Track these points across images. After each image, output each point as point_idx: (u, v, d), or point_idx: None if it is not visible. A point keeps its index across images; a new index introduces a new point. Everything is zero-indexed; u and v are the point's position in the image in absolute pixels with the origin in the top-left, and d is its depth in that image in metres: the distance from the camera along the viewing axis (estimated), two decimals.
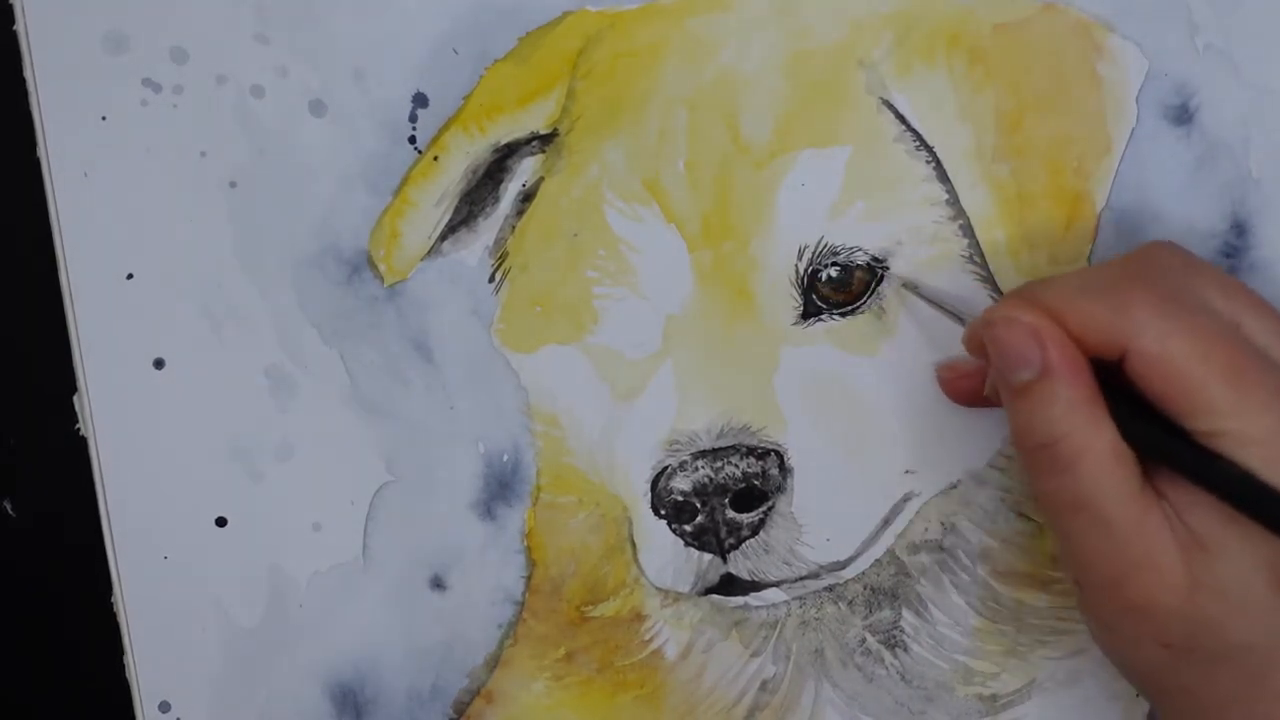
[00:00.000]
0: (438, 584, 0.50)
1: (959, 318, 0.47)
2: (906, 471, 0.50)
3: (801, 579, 0.50)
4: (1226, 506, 0.40)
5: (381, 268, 0.50)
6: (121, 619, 0.50)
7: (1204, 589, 0.40)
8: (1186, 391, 0.40)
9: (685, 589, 0.50)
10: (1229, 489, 0.40)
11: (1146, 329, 0.40)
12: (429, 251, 0.50)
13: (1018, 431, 0.43)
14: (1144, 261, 0.43)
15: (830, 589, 0.51)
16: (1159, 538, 0.41)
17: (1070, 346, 0.42)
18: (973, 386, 0.47)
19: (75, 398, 0.49)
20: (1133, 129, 0.49)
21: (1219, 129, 0.49)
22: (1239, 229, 0.49)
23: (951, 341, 0.49)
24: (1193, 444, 0.40)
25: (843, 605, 0.51)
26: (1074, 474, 0.41)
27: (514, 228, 0.50)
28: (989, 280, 0.49)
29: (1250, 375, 0.40)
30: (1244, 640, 0.40)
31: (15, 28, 0.49)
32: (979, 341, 0.44)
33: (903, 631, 0.51)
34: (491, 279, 0.50)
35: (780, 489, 0.49)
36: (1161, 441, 0.41)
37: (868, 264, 0.49)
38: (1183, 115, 0.49)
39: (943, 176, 0.49)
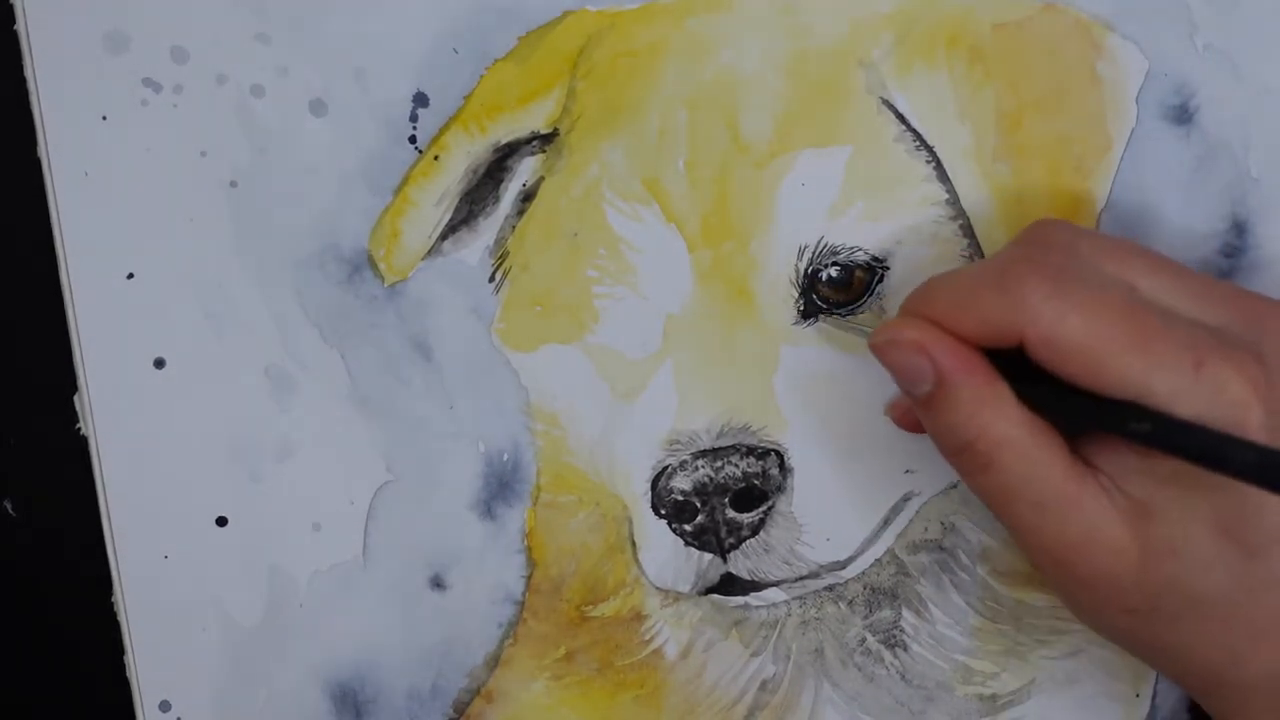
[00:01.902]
0: (438, 583, 0.50)
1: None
2: (906, 471, 0.50)
3: (801, 579, 0.50)
4: (1160, 468, 0.40)
5: (382, 267, 0.50)
6: (121, 619, 0.50)
7: (1153, 552, 0.40)
8: (1093, 367, 0.40)
9: (685, 589, 0.50)
10: (1156, 434, 0.39)
11: (1041, 312, 0.40)
12: (429, 251, 0.50)
13: (936, 441, 0.43)
14: (1029, 243, 0.43)
15: (830, 589, 0.51)
16: (1098, 510, 0.41)
17: (957, 348, 0.42)
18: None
19: (75, 397, 0.49)
20: (1133, 129, 0.49)
21: (1219, 129, 0.49)
22: (1239, 229, 0.49)
23: None
24: (1108, 400, 0.40)
25: (843, 605, 0.51)
26: (997, 468, 0.41)
27: (514, 227, 0.50)
28: None
29: (1151, 337, 0.39)
30: (1204, 592, 0.40)
31: (15, 28, 0.49)
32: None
33: (903, 631, 0.51)
34: (492, 278, 0.50)
35: (780, 489, 0.49)
36: (1079, 407, 0.41)
37: (868, 264, 0.49)
38: (1183, 115, 0.49)
39: (943, 176, 0.49)
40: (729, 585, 0.50)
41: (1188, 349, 0.39)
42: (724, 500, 0.49)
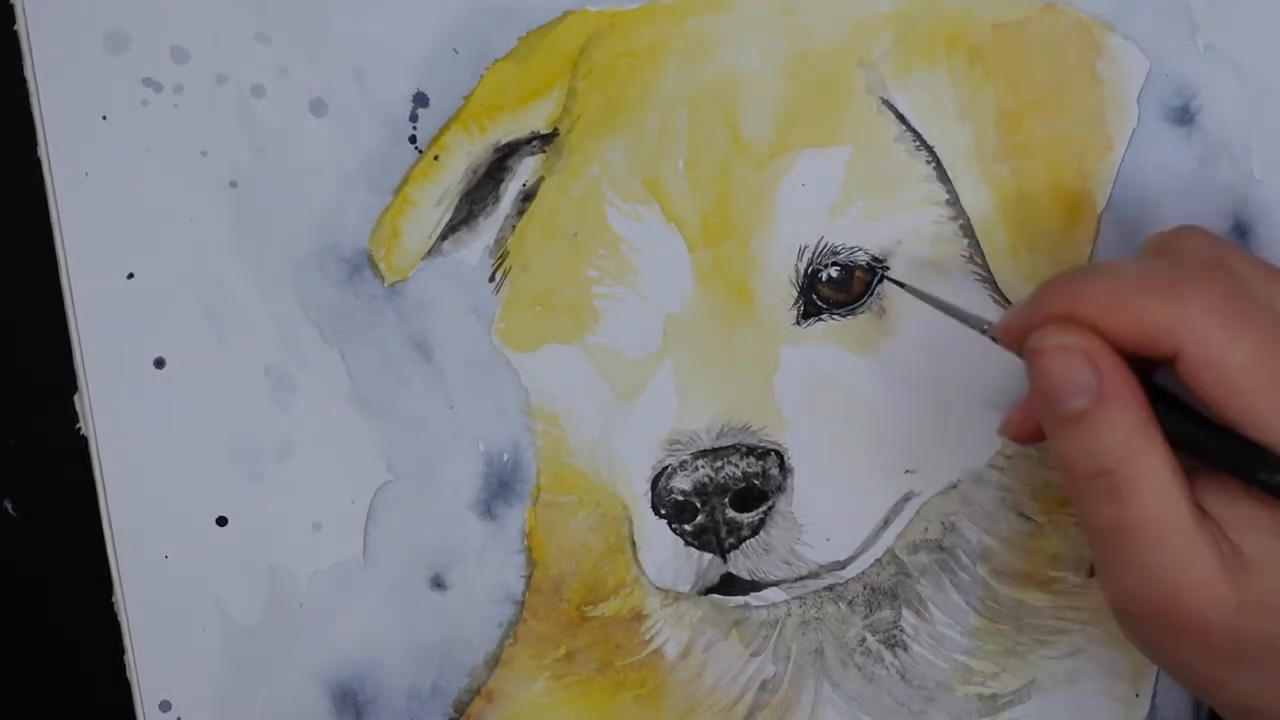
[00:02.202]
0: (438, 583, 0.50)
1: (951, 312, 0.46)
2: (906, 471, 0.50)
3: (801, 579, 0.50)
4: (1269, 521, 0.40)
5: (382, 267, 0.50)
6: (121, 619, 0.50)
7: (1252, 606, 0.39)
8: (1245, 400, 0.39)
9: (685, 588, 0.50)
10: None
11: (1211, 333, 0.38)
12: (429, 251, 0.50)
13: (1068, 460, 0.41)
14: (1188, 253, 0.42)
15: (830, 588, 0.51)
16: (1208, 559, 0.39)
17: (1123, 367, 0.40)
18: (1038, 425, 0.44)
19: (75, 397, 0.49)
20: (1134, 129, 0.49)
21: (1220, 129, 0.49)
22: (1241, 230, 0.49)
23: (951, 340, 0.49)
24: (1251, 442, 0.39)
25: (843, 605, 0.51)
26: (1135, 501, 0.40)
27: (514, 227, 0.50)
28: (989, 280, 0.49)
29: None
30: None
31: (15, 28, 0.49)
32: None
33: (903, 631, 0.51)
34: (492, 278, 0.50)
35: (780, 489, 0.49)
36: (1215, 443, 0.40)
37: (868, 264, 0.49)
38: (1184, 116, 0.49)
39: (943, 176, 0.49)
40: (729, 585, 0.50)
41: None
42: (724, 500, 0.49)
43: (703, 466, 0.49)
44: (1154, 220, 0.49)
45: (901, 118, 0.49)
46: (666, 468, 0.49)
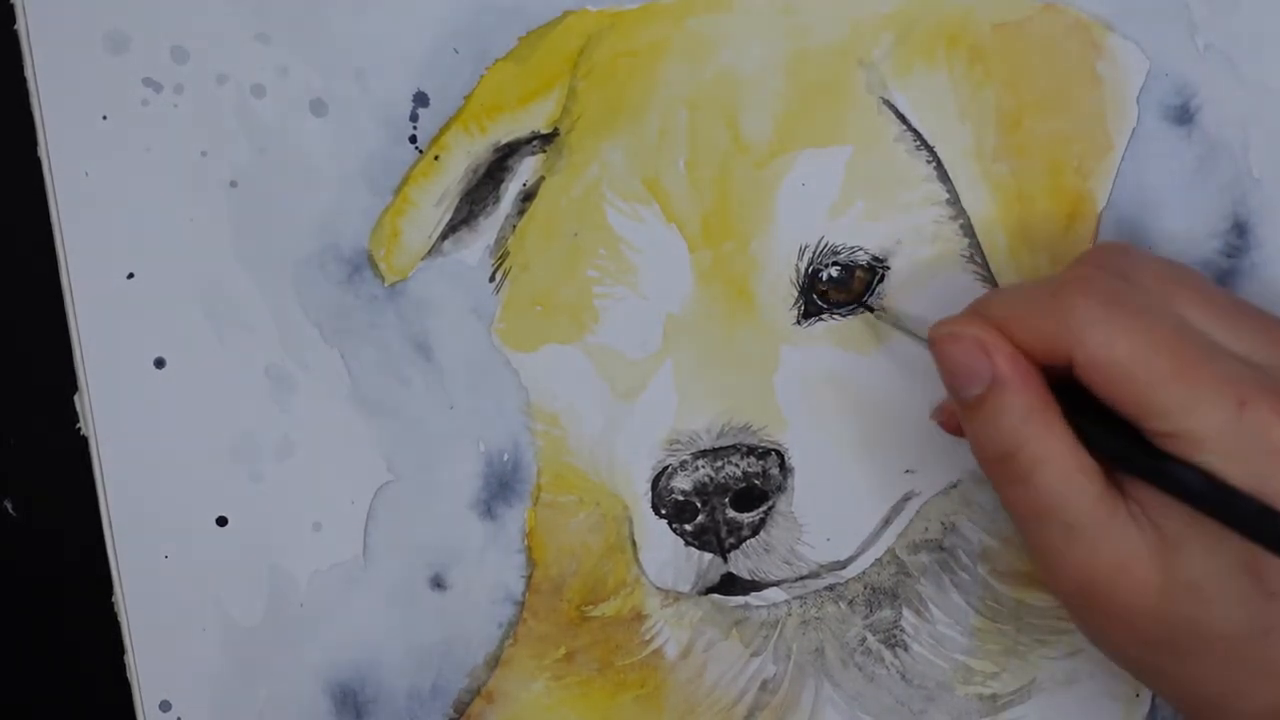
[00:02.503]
0: (438, 583, 0.50)
1: (921, 339, 0.47)
2: (906, 471, 0.50)
3: (802, 578, 0.50)
4: None
5: (382, 267, 0.50)
6: (121, 619, 0.50)
7: (1177, 586, 0.40)
8: (1137, 394, 0.40)
9: (685, 588, 0.50)
10: (1186, 492, 0.40)
11: (1090, 334, 0.40)
12: (429, 251, 0.50)
13: (975, 445, 0.43)
14: (1085, 264, 0.43)
15: (831, 588, 0.51)
16: (1126, 540, 0.40)
17: (1018, 356, 0.41)
18: None
19: (75, 397, 0.49)
20: (1133, 129, 0.49)
21: (1220, 129, 0.49)
22: (1240, 229, 0.49)
23: None
24: (1147, 449, 0.40)
25: (843, 605, 0.51)
26: (1034, 483, 0.41)
27: (514, 227, 0.50)
28: (990, 280, 0.49)
29: (1198, 370, 0.39)
30: (1220, 630, 0.40)
31: (15, 27, 0.49)
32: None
33: (903, 631, 0.51)
34: (492, 278, 0.50)
35: (780, 488, 0.49)
36: (1117, 447, 0.41)
37: (868, 263, 0.49)
38: (1183, 115, 0.49)
39: (943, 176, 0.49)
40: (729, 585, 0.50)
41: (1232, 386, 0.39)
42: (724, 500, 0.49)
43: (703, 466, 0.49)
44: (1154, 219, 0.49)
45: (902, 117, 0.49)
46: (667, 468, 0.49)
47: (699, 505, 0.49)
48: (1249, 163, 0.49)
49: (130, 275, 0.49)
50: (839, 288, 0.49)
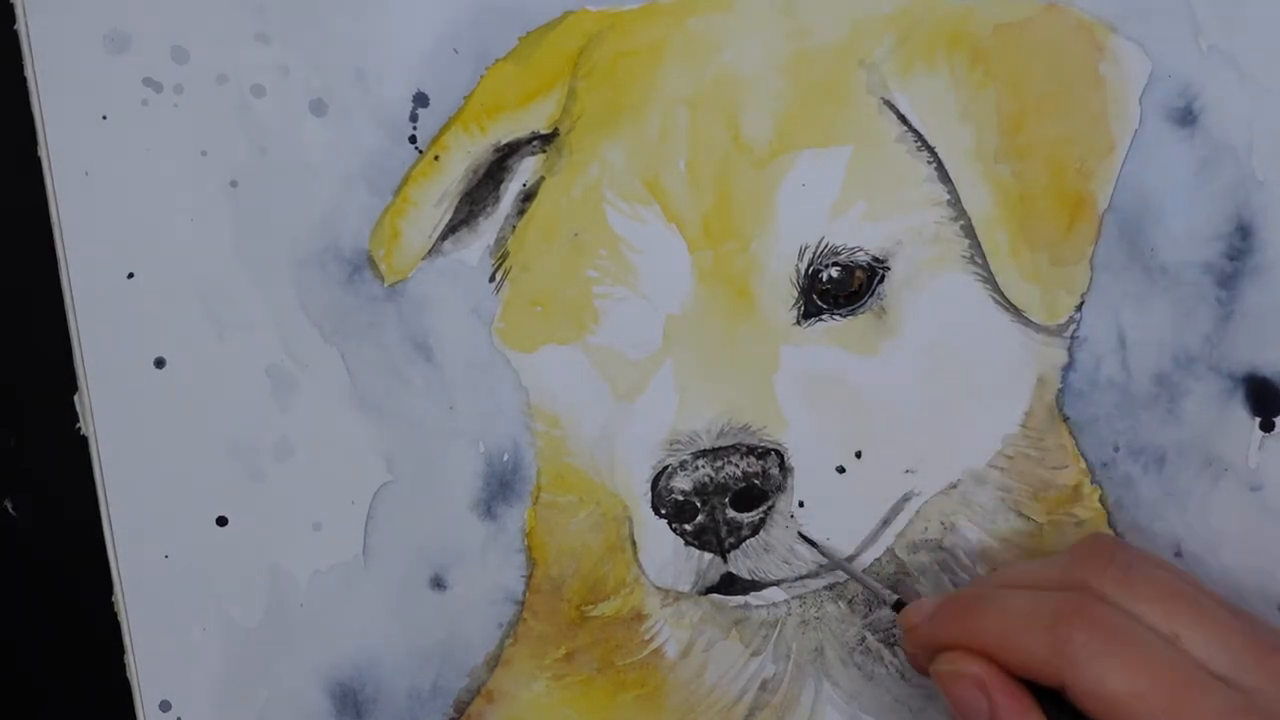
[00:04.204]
0: (438, 583, 0.50)
1: (859, 580, 0.49)
2: (906, 471, 0.50)
3: (801, 578, 0.50)
4: None
5: (382, 267, 0.50)
6: (122, 619, 0.50)
7: None
8: None
9: (685, 588, 0.50)
10: None
11: (1086, 669, 0.41)
12: (429, 251, 0.50)
13: None
14: (1079, 578, 0.44)
15: (830, 588, 0.51)
16: None
17: (1015, 692, 0.43)
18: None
19: (76, 397, 0.50)
20: (1136, 130, 0.49)
21: (1223, 131, 0.49)
22: (1243, 231, 0.49)
23: (952, 341, 0.49)
24: None
25: (843, 604, 0.51)
26: None
27: (514, 227, 0.50)
28: (989, 281, 0.49)
29: (1191, 704, 0.41)
30: None
31: (15, 27, 0.49)
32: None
33: None
34: (492, 278, 0.50)
35: (780, 488, 0.49)
36: None
37: (868, 264, 0.49)
38: (1186, 117, 0.49)
39: (944, 177, 0.49)
40: (729, 585, 0.50)
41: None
42: (724, 500, 0.49)
43: (703, 466, 0.49)
44: (1156, 221, 0.49)
45: (903, 118, 0.49)
46: (667, 468, 0.49)
47: (699, 505, 0.49)
48: (1253, 165, 0.49)
49: (130, 275, 0.49)
50: (839, 288, 0.49)
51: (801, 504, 0.49)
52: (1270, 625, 0.45)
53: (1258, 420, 0.50)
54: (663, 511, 0.49)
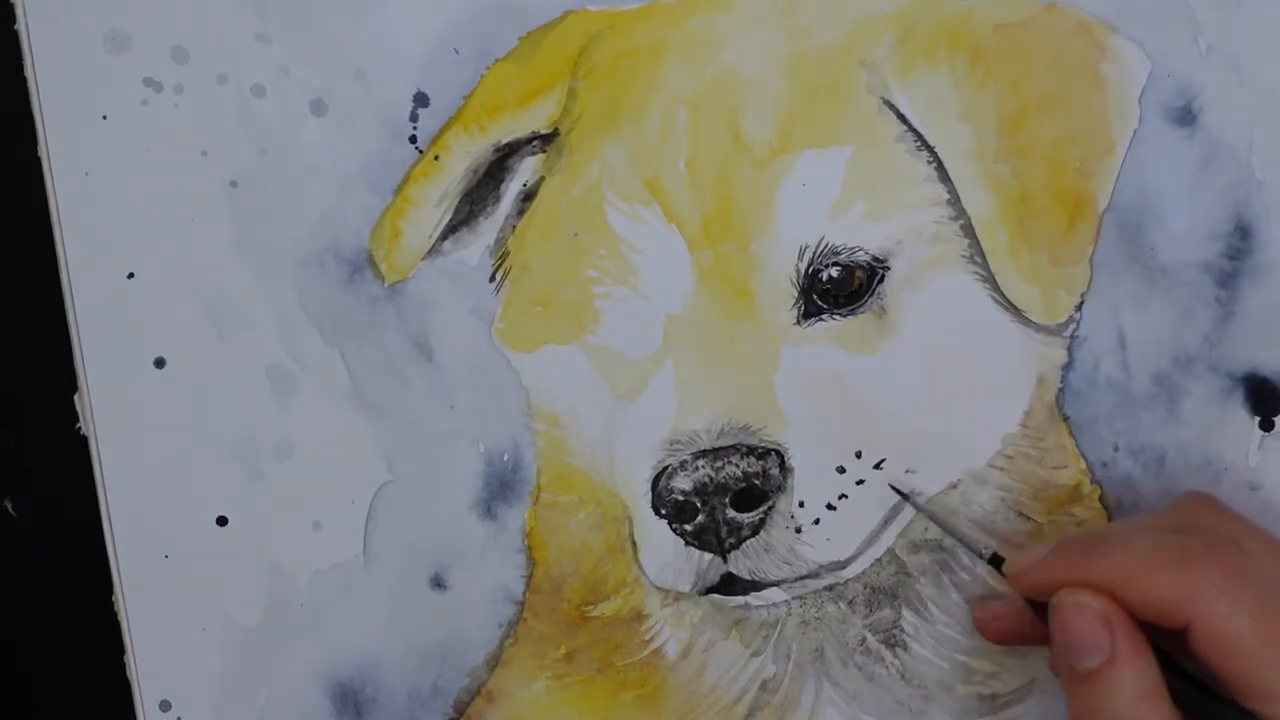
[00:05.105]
0: (438, 583, 0.50)
1: (957, 536, 0.49)
2: (907, 471, 0.50)
3: (802, 578, 0.50)
4: None
5: (382, 267, 0.50)
6: (122, 618, 0.50)
7: None
8: (1249, 671, 0.41)
9: (686, 588, 0.50)
10: None
11: (1217, 607, 0.41)
12: (430, 251, 0.50)
13: (1080, 714, 0.43)
14: (1200, 527, 0.44)
15: (830, 588, 0.51)
16: None
17: (1137, 634, 0.42)
18: (1010, 627, 0.48)
19: (76, 397, 0.50)
20: (1135, 130, 0.49)
21: (1223, 131, 0.49)
22: (1243, 231, 0.49)
23: (952, 341, 0.49)
24: (1246, 714, 0.41)
25: (843, 604, 0.51)
26: None
27: (515, 227, 0.50)
28: (989, 281, 0.49)
29: None
30: None
31: (16, 27, 0.49)
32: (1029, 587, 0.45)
33: (903, 631, 0.51)
34: (492, 278, 0.50)
35: (780, 488, 0.49)
36: (1220, 716, 0.42)
37: (869, 264, 0.49)
38: (1186, 117, 0.49)
39: (944, 177, 0.49)
40: (729, 585, 0.50)
41: None
42: (724, 500, 0.49)
43: (703, 466, 0.49)
44: (1156, 221, 0.49)
45: (903, 118, 0.49)
46: (667, 468, 0.49)
47: (699, 505, 0.49)
48: (1253, 165, 0.49)
49: (130, 275, 0.49)
50: (839, 288, 0.49)
51: (802, 504, 0.49)
52: None
53: (1257, 420, 0.50)
54: (663, 512, 0.49)
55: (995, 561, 0.47)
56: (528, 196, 0.49)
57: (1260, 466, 0.50)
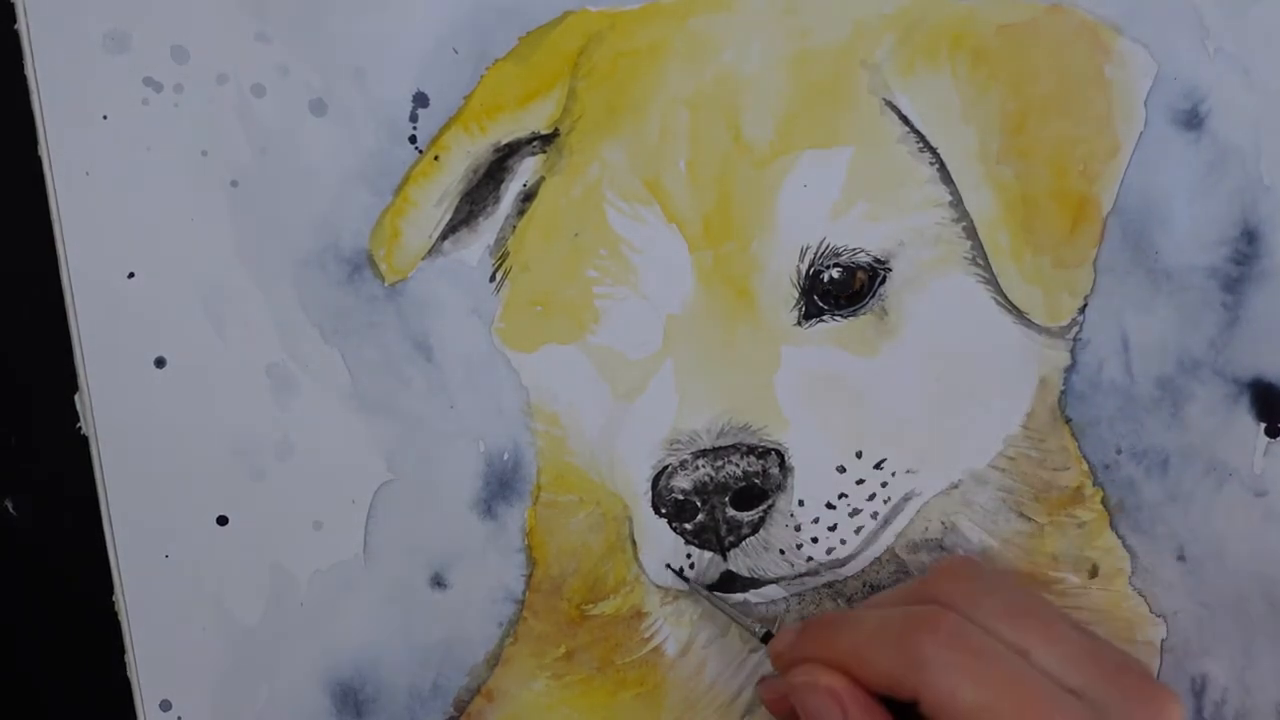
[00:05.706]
0: (438, 582, 0.51)
1: (732, 616, 0.49)
2: (907, 471, 0.50)
3: (800, 576, 0.50)
4: None
5: (382, 267, 0.50)
6: (122, 618, 0.50)
7: None
8: None
9: (685, 587, 0.50)
10: None
11: (936, 678, 0.41)
12: (429, 251, 0.50)
13: None
14: (931, 596, 0.44)
15: (829, 586, 0.51)
16: None
17: (872, 706, 0.43)
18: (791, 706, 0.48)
19: (76, 397, 0.50)
20: (1141, 132, 0.48)
21: (1230, 134, 0.48)
22: (1249, 236, 0.49)
23: (953, 341, 0.49)
24: None
25: (841, 602, 0.51)
26: None
27: (515, 227, 0.49)
28: (992, 282, 0.49)
29: (1040, 718, 0.41)
30: None
31: (16, 27, 0.49)
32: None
33: None
34: (492, 278, 0.50)
35: (780, 488, 0.49)
36: None
37: (870, 265, 0.49)
38: (1192, 120, 0.48)
39: (946, 178, 0.48)
40: (729, 583, 0.50)
41: None
42: (724, 499, 0.49)
43: (703, 466, 0.49)
44: (1161, 225, 0.49)
45: (904, 119, 0.48)
46: (667, 467, 0.49)
47: (699, 504, 0.49)
48: (1260, 169, 0.48)
49: (130, 275, 0.49)
50: (840, 289, 0.49)
51: (801, 502, 0.49)
52: (1116, 646, 0.45)
53: (1263, 426, 0.50)
54: (663, 511, 0.49)
55: (769, 639, 0.48)
56: (528, 196, 0.49)
57: (1266, 473, 0.50)
